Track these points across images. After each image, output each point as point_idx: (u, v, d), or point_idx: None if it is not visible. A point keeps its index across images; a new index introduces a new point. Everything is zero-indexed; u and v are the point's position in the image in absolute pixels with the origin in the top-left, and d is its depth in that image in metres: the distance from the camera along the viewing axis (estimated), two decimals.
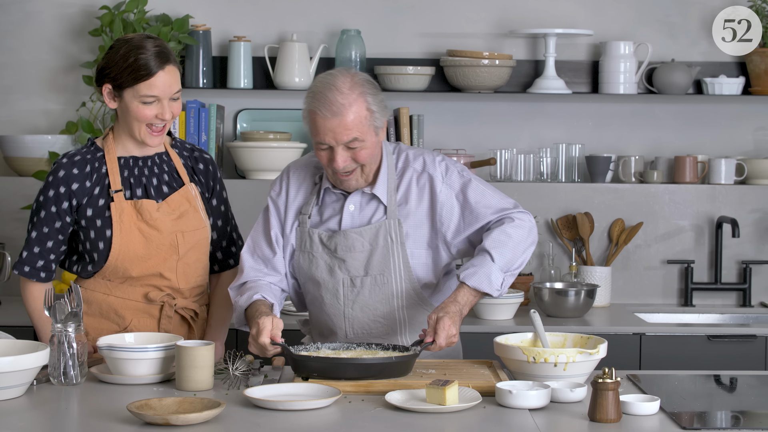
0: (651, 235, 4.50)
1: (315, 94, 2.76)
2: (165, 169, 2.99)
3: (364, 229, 2.86)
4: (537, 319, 2.83)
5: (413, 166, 2.90)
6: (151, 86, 2.84)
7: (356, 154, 2.77)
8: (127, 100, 2.86)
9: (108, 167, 2.93)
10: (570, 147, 4.52)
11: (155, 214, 2.92)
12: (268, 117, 4.60)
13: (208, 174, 3.07)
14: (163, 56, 2.84)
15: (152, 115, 2.87)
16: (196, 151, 3.08)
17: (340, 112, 2.71)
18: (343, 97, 2.72)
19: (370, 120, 2.76)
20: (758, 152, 4.63)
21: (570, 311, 4.11)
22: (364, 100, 2.75)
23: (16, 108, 4.56)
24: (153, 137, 2.91)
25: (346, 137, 2.73)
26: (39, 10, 4.54)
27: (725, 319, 4.38)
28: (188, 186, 3.00)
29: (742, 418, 2.48)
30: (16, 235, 4.38)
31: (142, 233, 2.92)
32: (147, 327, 2.99)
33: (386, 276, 2.87)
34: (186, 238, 2.96)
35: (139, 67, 2.82)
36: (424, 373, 2.71)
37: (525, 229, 2.82)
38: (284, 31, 4.54)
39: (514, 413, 2.44)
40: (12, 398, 2.51)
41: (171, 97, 2.88)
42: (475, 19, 4.57)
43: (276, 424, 2.34)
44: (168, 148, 3.02)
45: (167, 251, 2.95)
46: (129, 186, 2.94)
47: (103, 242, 2.91)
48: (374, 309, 2.89)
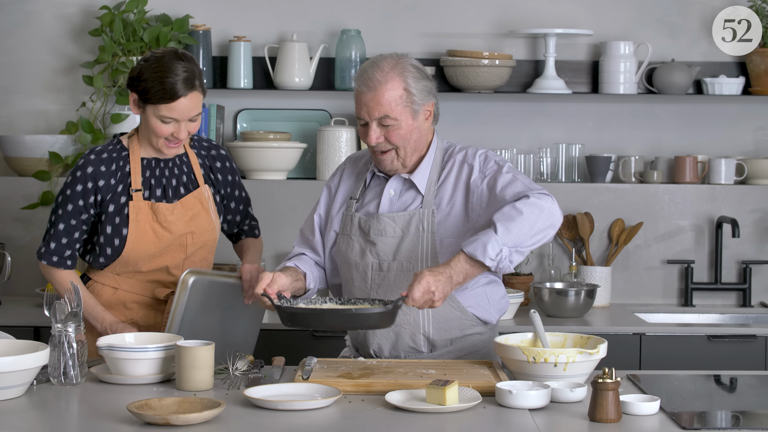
0: (651, 235, 4.50)
1: (359, 71, 2.88)
2: (184, 170, 3.13)
3: (398, 215, 2.90)
4: (537, 319, 2.83)
5: (455, 157, 2.95)
6: (172, 109, 2.97)
7: (389, 134, 2.84)
8: (148, 114, 3.00)
9: (131, 167, 3.05)
10: (570, 147, 4.52)
11: (170, 216, 3.06)
12: (268, 117, 4.60)
13: (225, 170, 3.21)
14: (190, 82, 2.96)
15: (168, 132, 3.02)
16: (213, 149, 3.21)
17: (375, 87, 2.81)
18: (382, 74, 2.82)
19: (405, 100, 2.83)
20: (758, 152, 4.63)
21: (570, 311, 4.11)
22: (402, 79, 2.83)
23: (16, 108, 4.56)
24: (169, 149, 3.05)
25: (378, 113, 2.82)
26: (39, 10, 4.54)
27: (725, 319, 4.38)
28: (202, 188, 3.14)
29: (742, 418, 2.48)
30: (16, 235, 4.38)
31: (155, 233, 3.05)
32: (151, 319, 3.12)
33: (413, 263, 2.89)
34: (195, 239, 3.10)
35: (165, 90, 2.95)
36: (424, 373, 2.71)
37: (538, 208, 2.74)
38: (284, 31, 4.54)
39: (514, 413, 2.44)
40: (12, 398, 2.51)
41: (190, 119, 3.01)
42: (475, 19, 4.57)
43: (276, 424, 2.34)
44: (187, 148, 3.16)
45: (176, 250, 3.08)
46: (149, 186, 3.07)
47: (119, 239, 3.04)
48: (398, 296, 2.86)
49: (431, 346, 2.95)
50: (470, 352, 2.98)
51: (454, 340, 2.96)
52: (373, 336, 2.95)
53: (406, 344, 2.94)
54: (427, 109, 2.90)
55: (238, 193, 3.25)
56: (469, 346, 2.98)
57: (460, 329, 2.95)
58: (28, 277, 4.34)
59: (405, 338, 2.93)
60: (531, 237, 2.73)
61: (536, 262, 4.48)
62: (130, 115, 4.33)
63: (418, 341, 2.93)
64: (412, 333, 2.93)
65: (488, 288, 2.98)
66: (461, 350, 2.96)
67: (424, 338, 2.93)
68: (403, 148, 2.88)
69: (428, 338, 2.93)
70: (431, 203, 2.91)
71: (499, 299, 3.02)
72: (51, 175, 4.31)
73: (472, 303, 2.95)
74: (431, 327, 2.93)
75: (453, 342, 2.96)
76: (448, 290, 2.70)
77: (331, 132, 4.37)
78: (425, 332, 2.93)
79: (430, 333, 2.93)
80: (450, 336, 2.95)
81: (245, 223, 3.30)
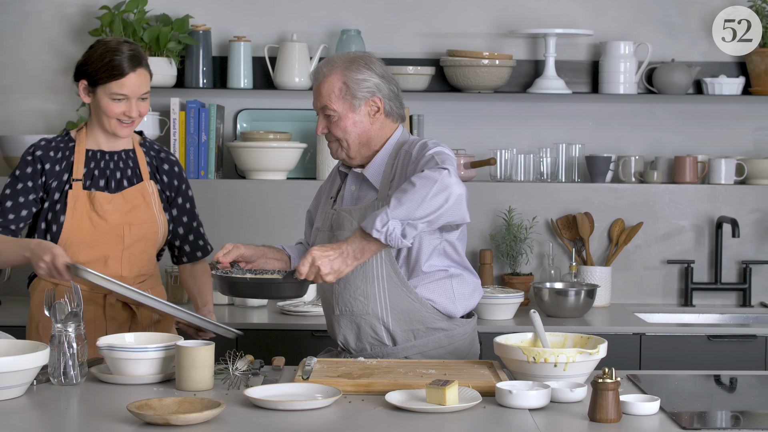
0: (651, 235, 4.50)
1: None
2: (129, 165, 3.20)
3: (353, 209, 2.98)
4: (537, 319, 2.83)
5: (404, 149, 2.98)
6: (122, 85, 3.07)
7: (331, 125, 2.97)
8: (99, 96, 3.09)
9: (75, 157, 3.14)
10: (570, 147, 4.52)
11: (106, 205, 3.12)
12: (268, 117, 4.60)
13: (173, 174, 3.27)
14: (136, 60, 3.09)
15: (120, 111, 3.09)
16: (162, 152, 3.29)
17: (318, 79, 2.98)
18: (328, 68, 2.97)
19: (344, 93, 2.94)
20: (758, 152, 4.63)
21: (570, 311, 4.11)
22: (343, 73, 2.95)
23: (16, 108, 4.56)
24: (122, 129, 3.12)
25: (319, 103, 2.97)
26: (39, 10, 4.54)
27: (725, 319, 4.38)
28: (146, 183, 3.20)
29: (742, 418, 2.48)
30: None
31: (91, 221, 3.11)
32: (92, 313, 3.12)
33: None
34: (132, 230, 3.15)
35: (113, 67, 3.07)
36: (424, 373, 2.71)
37: (431, 180, 2.69)
38: (284, 31, 4.54)
39: (514, 413, 2.44)
40: (12, 398, 2.51)
41: (139, 97, 3.10)
42: (475, 19, 4.57)
43: (276, 424, 2.34)
44: (136, 146, 3.24)
45: (113, 240, 3.13)
46: (92, 177, 3.15)
47: (56, 225, 3.11)
48: (355, 287, 2.96)
49: (393, 339, 2.97)
50: (435, 347, 2.99)
51: (417, 333, 2.97)
52: (338, 328, 3.01)
53: (368, 335, 2.97)
54: (371, 105, 2.96)
55: (181, 202, 3.28)
56: (434, 342, 2.99)
57: (421, 322, 2.96)
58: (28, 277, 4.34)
59: (366, 329, 2.97)
60: (421, 208, 2.67)
61: (536, 262, 4.48)
62: None
63: (380, 333, 2.96)
64: (371, 323, 2.96)
65: (453, 281, 2.99)
66: (425, 345, 2.98)
67: (385, 329, 2.96)
68: (345, 140, 2.97)
69: (388, 329, 2.96)
70: (386, 196, 2.94)
71: (468, 294, 3.02)
72: None
73: (429, 295, 2.96)
74: (390, 318, 2.95)
75: (416, 336, 2.97)
76: (338, 265, 2.72)
77: None
78: (384, 323, 2.95)
79: (390, 324, 2.95)
80: (411, 328, 2.96)
81: (187, 239, 3.30)
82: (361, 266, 2.93)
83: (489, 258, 4.39)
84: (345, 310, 2.98)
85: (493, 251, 4.43)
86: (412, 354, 2.97)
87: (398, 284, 2.93)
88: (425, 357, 2.96)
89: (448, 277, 2.99)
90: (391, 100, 2.99)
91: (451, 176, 2.72)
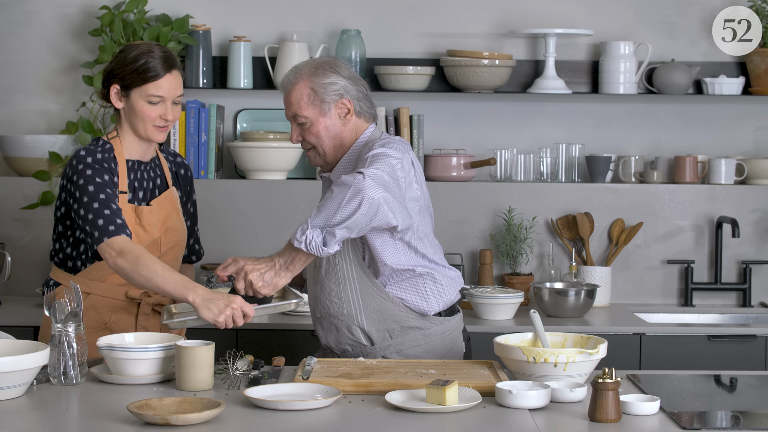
0: (651, 235, 4.50)
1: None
2: (158, 173, 3.18)
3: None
4: (537, 319, 2.83)
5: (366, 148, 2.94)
6: (158, 87, 3.02)
7: (305, 132, 2.99)
8: (134, 100, 3.03)
9: (119, 168, 3.06)
10: (570, 147, 4.52)
11: (151, 218, 3.08)
12: (268, 117, 4.60)
13: (187, 179, 3.28)
14: (170, 61, 3.05)
15: (156, 115, 3.04)
16: (178, 157, 3.29)
17: (286, 88, 3.00)
18: (295, 76, 2.98)
19: (312, 99, 2.95)
20: (758, 152, 4.63)
21: (570, 311, 4.11)
22: (309, 79, 2.96)
23: (16, 108, 4.56)
24: (158, 133, 3.07)
25: (290, 112, 2.99)
26: (39, 10, 4.54)
27: (725, 319, 4.38)
28: (171, 188, 3.19)
29: (742, 418, 2.48)
30: (16, 235, 4.38)
31: (136, 235, 3.04)
32: (125, 323, 3.08)
33: (336, 257, 2.97)
34: (168, 238, 3.12)
35: (148, 68, 3.01)
36: (424, 373, 2.71)
37: (346, 185, 2.71)
38: (284, 31, 4.54)
39: (514, 413, 2.44)
40: (12, 398, 2.51)
41: (174, 101, 3.06)
42: (475, 19, 4.57)
43: (276, 424, 2.34)
44: (159, 154, 3.21)
45: (151, 249, 3.05)
46: (133, 189, 3.09)
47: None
48: (329, 289, 3.00)
49: (369, 339, 2.99)
50: (412, 346, 3.00)
51: (392, 332, 2.98)
52: (321, 329, 3.07)
53: (347, 337, 3.01)
54: (341, 107, 2.97)
55: (190, 208, 3.30)
56: (411, 341, 3.00)
57: (396, 321, 2.98)
58: (28, 277, 4.34)
59: (344, 330, 3.00)
60: (337, 215, 2.71)
61: (536, 262, 4.48)
62: None
63: (356, 334, 3.00)
64: (347, 325, 2.99)
65: (423, 279, 2.99)
66: (402, 345, 2.99)
67: (361, 330, 2.99)
68: (320, 146, 2.99)
69: (364, 330, 2.98)
70: None
71: (441, 291, 3.02)
72: (51, 175, 4.31)
73: (400, 293, 2.98)
74: (364, 318, 2.98)
75: (393, 335, 2.99)
76: (270, 278, 2.82)
77: None
78: (359, 323, 2.98)
79: (365, 324, 2.97)
80: (386, 327, 2.98)
81: (188, 243, 3.29)
82: (332, 269, 2.98)
83: (489, 258, 4.40)
84: (324, 313, 3.03)
85: (493, 251, 4.43)
86: (390, 353, 2.99)
87: (369, 284, 2.96)
88: (402, 356, 2.99)
89: (418, 276, 2.99)
90: (360, 101, 3.00)
91: (365, 180, 2.70)
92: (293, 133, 3.00)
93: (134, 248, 2.87)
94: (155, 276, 2.81)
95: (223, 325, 2.76)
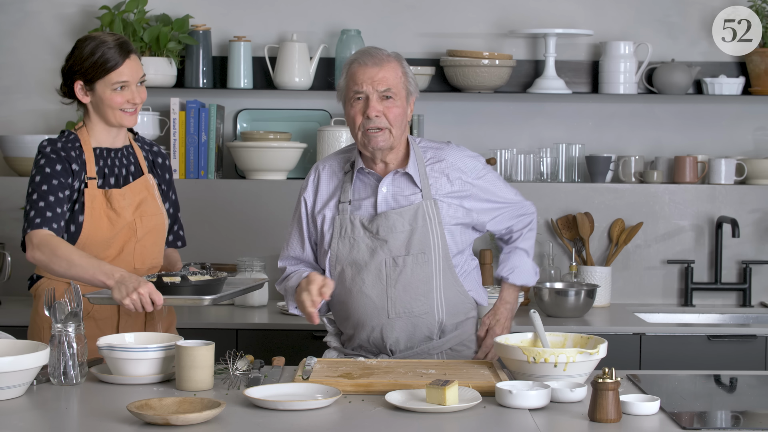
0: (651, 235, 4.50)
1: (357, 52, 3.04)
2: (131, 160, 3.23)
3: (404, 210, 2.99)
4: (537, 319, 2.83)
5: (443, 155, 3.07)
6: (120, 74, 3.09)
7: (388, 110, 2.96)
8: (100, 91, 3.11)
9: (86, 156, 3.13)
10: (570, 147, 4.52)
11: (122, 202, 3.13)
12: (268, 117, 4.60)
13: (165, 167, 3.32)
14: (125, 47, 3.11)
15: (124, 100, 3.11)
16: (155, 147, 3.33)
17: (380, 63, 2.97)
18: (384, 54, 3.00)
19: (404, 82, 3.01)
20: (758, 152, 4.63)
21: (570, 311, 4.11)
22: (400, 64, 3.02)
23: (16, 108, 4.56)
24: (128, 117, 3.14)
25: (382, 86, 2.95)
26: (39, 10, 4.54)
27: (725, 319, 4.38)
28: (147, 176, 3.23)
29: (742, 418, 2.48)
30: (16, 235, 4.38)
31: (109, 219, 3.11)
32: (106, 310, 3.12)
33: (427, 255, 2.98)
34: (144, 222, 3.17)
35: (107, 59, 3.08)
36: (424, 373, 2.71)
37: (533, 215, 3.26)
38: (284, 31, 4.54)
39: (514, 413, 2.44)
40: (12, 398, 2.52)
41: (137, 83, 3.13)
42: (475, 19, 4.57)
43: (276, 424, 2.34)
44: (132, 143, 3.26)
45: (127, 234, 3.13)
46: (103, 175, 3.15)
47: (75, 225, 3.09)
48: (416, 288, 2.98)
49: (441, 332, 3.04)
50: (469, 335, 3.12)
51: (459, 324, 3.08)
52: (391, 330, 2.99)
53: (422, 334, 3.02)
54: (411, 103, 3.06)
55: (171, 195, 3.34)
56: (468, 330, 3.12)
57: (464, 313, 3.09)
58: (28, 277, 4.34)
59: (421, 328, 3.01)
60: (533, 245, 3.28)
61: (536, 262, 4.47)
62: None
63: (433, 329, 3.02)
64: (428, 322, 3.01)
65: (476, 272, 3.16)
66: (462, 335, 3.09)
67: (438, 325, 3.02)
68: (396, 128, 2.99)
69: (441, 324, 3.03)
70: (430, 194, 3.00)
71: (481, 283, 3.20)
72: None
73: (470, 287, 3.09)
74: (444, 313, 3.02)
75: (457, 326, 3.07)
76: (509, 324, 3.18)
77: (331, 132, 4.37)
78: (440, 319, 3.02)
79: (444, 318, 3.02)
80: (456, 320, 3.07)
81: (172, 229, 3.34)
82: (421, 266, 2.98)
83: (489, 258, 4.39)
84: (403, 312, 2.99)
85: (493, 251, 4.43)
86: (454, 344, 3.06)
87: (451, 280, 3.02)
88: (462, 346, 3.07)
89: (474, 268, 3.14)
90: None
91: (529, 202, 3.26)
92: (376, 107, 2.95)
93: (51, 240, 2.96)
94: (73, 266, 2.91)
95: (131, 308, 2.83)
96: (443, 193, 3.02)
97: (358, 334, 3.05)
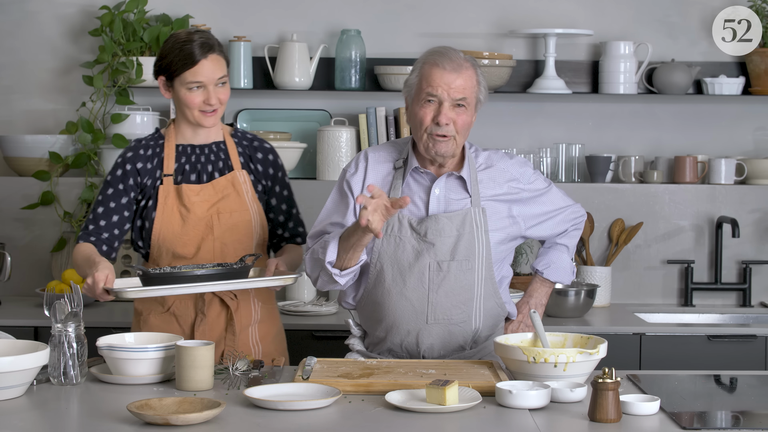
0: (651, 235, 4.50)
1: (434, 52, 2.94)
2: (221, 157, 3.18)
3: (453, 215, 2.92)
4: (537, 319, 2.83)
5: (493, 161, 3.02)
6: (195, 73, 3.05)
7: (458, 118, 2.88)
8: (177, 89, 3.09)
9: (166, 153, 3.15)
10: (570, 147, 4.52)
11: (194, 197, 3.11)
12: (268, 117, 4.59)
13: (267, 162, 3.23)
14: (207, 46, 3.06)
15: (200, 101, 3.08)
16: (256, 141, 3.25)
17: (458, 69, 2.88)
18: (462, 59, 2.91)
19: (477, 91, 2.92)
20: (758, 152, 4.63)
21: (570, 311, 4.11)
22: (476, 71, 2.93)
23: (16, 108, 4.56)
24: (206, 118, 3.10)
25: (458, 94, 2.87)
26: (39, 10, 4.53)
27: (725, 319, 4.38)
28: (237, 172, 3.17)
29: (742, 418, 2.48)
30: (16, 235, 4.38)
31: (180, 214, 3.11)
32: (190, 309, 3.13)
33: (471, 262, 2.93)
34: (222, 219, 3.12)
35: (184, 56, 3.04)
36: (424, 373, 2.71)
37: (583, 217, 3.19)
38: (284, 31, 4.54)
39: (514, 413, 2.44)
40: (12, 398, 2.52)
41: (216, 83, 3.08)
42: (475, 19, 4.57)
43: (276, 424, 2.34)
44: (226, 137, 3.21)
45: (203, 231, 3.11)
46: (183, 172, 3.15)
47: (149, 222, 3.12)
48: (457, 295, 2.92)
49: (474, 342, 3.00)
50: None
51: (490, 336, 3.04)
52: (427, 336, 2.94)
53: (456, 342, 2.96)
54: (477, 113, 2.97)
55: (279, 190, 3.23)
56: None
57: (496, 323, 3.06)
58: (28, 277, 4.34)
59: (457, 336, 2.96)
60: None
61: None
62: (130, 115, 4.33)
63: (467, 338, 2.98)
64: (465, 331, 2.96)
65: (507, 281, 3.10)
66: (490, 346, 3.03)
67: (473, 335, 2.98)
68: (461, 135, 2.92)
69: (476, 334, 2.98)
70: (479, 201, 2.96)
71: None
72: (51, 175, 4.31)
73: (506, 299, 3.06)
74: (481, 322, 2.98)
75: (488, 338, 3.04)
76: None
77: (331, 132, 4.37)
78: (476, 329, 2.97)
79: (480, 329, 2.99)
80: (490, 332, 3.03)
81: (287, 226, 3.25)
82: (464, 273, 2.91)
83: None
84: (442, 319, 2.94)
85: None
86: (485, 354, 3.01)
87: (491, 290, 2.97)
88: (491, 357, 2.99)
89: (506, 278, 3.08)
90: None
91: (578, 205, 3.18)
92: (447, 114, 2.86)
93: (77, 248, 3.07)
94: (78, 269, 3.04)
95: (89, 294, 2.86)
96: (490, 195, 2.96)
97: (391, 337, 2.97)
